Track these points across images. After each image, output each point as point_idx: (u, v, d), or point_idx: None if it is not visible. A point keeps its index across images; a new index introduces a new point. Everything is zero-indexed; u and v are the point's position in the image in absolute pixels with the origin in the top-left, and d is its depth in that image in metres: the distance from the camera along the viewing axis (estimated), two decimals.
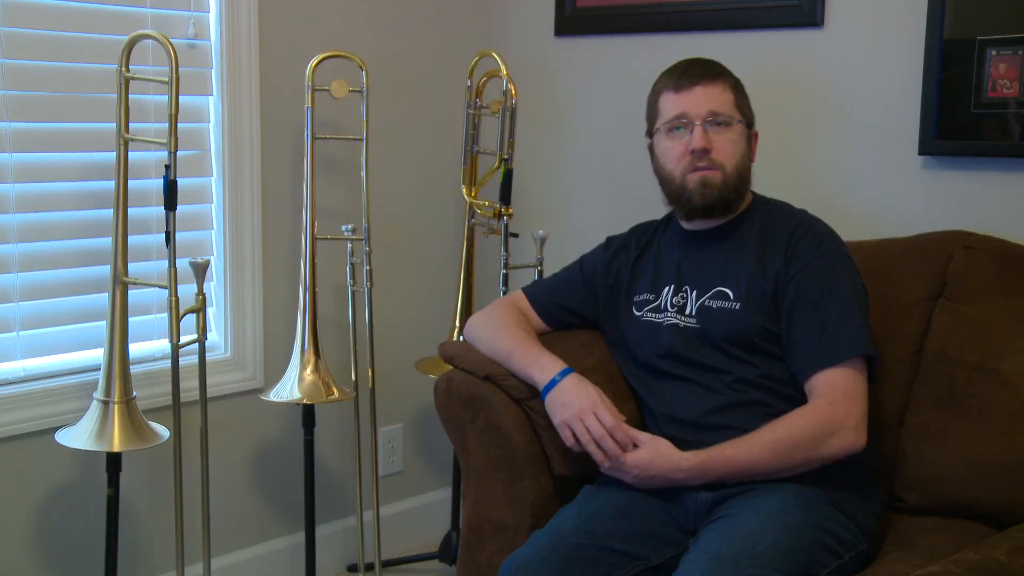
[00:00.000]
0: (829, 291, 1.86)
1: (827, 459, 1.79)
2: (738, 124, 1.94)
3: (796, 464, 1.79)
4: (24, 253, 2.22)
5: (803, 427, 1.79)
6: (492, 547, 1.96)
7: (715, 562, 1.62)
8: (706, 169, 1.91)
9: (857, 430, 1.79)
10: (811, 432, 1.78)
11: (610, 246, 2.14)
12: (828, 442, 1.78)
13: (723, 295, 1.93)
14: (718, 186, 1.92)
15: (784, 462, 1.78)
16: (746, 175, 1.96)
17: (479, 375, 2.00)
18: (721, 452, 1.79)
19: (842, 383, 1.81)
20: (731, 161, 1.92)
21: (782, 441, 1.78)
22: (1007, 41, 2.13)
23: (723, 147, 1.92)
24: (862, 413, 1.81)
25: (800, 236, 1.91)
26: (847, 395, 1.80)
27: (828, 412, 1.79)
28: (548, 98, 2.91)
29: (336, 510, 2.81)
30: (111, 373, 2.10)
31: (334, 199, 2.66)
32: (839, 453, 1.79)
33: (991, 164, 2.21)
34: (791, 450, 1.78)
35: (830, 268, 1.88)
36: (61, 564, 2.31)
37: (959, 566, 1.49)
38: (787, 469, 1.79)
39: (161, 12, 2.34)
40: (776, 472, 1.79)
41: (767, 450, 1.78)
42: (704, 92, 1.92)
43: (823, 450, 1.78)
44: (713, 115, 1.91)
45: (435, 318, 2.91)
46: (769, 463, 1.78)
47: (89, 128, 2.27)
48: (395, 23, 2.77)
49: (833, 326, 1.83)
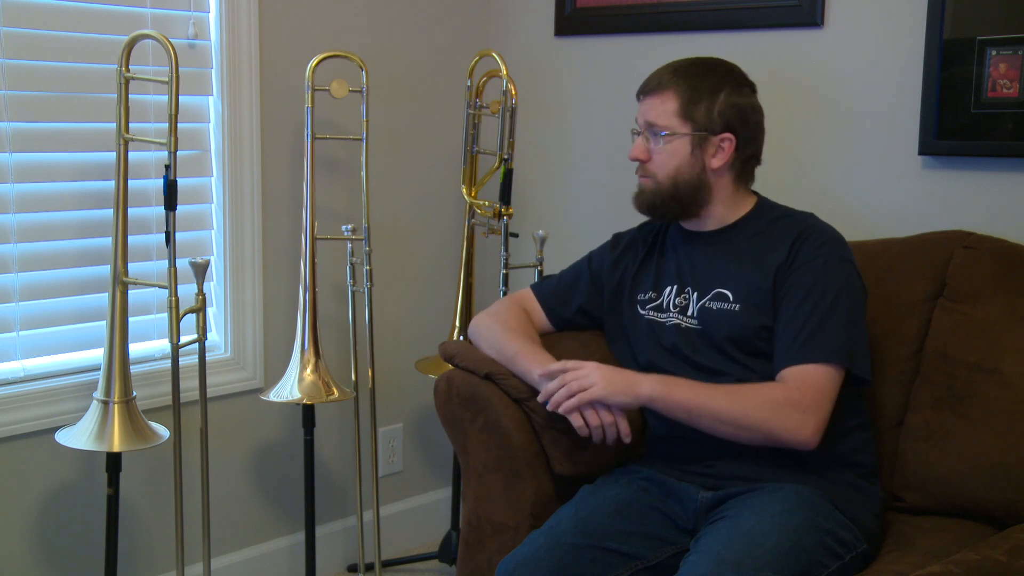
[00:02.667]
0: (823, 291, 1.85)
1: (775, 439, 1.78)
2: (679, 137, 1.92)
3: (744, 428, 1.79)
4: (24, 253, 2.22)
5: (767, 398, 1.79)
6: (492, 547, 1.96)
7: (717, 563, 1.62)
8: (641, 177, 1.99)
9: (815, 428, 1.78)
10: (771, 403, 1.78)
11: (617, 244, 2.15)
12: (783, 423, 1.77)
13: (723, 296, 1.93)
14: (649, 193, 1.97)
15: (736, 420, 1.78)
16: (692, 182, 1.94)
17: (479, 373, 2.00)
18: (687, 380, 1.84)
19: (814, 378, 1.80)
20: (663, 172, 1.94)
21: (742, 401, 1.79)
22: (1007, 41, 2.13)
23: (656, 157, 1.95)
24: (824, 415, 1.79)
25: (806, 236, 1.91)
26: (816, 389, 1.79)
27: (794, 396, 1.79)
28: (548, 98, 2.91)
29: (336, 510, 2.81)
30: (111, 373, 2.10)
31: (334, 199, 2.66)
32: (789, 440, 1.78)
33: (991, 164, 2.21)
34: (746, 414, 1.78)
35: (827, 268, 1.87)
36: (61, 564, 2.31)
37: (959, 566, 1.49)
38: (735, 430, 1.79)
39: (161, 12, 2.34)
40: (725, 427, 1.79)
41: (727, 401, 1.79)
42: (648, 103, 1.96)
43: (775, 427, 1.77)
44: (648, 126, 1.96)
45: (435, 318, 2.91)
46: (721, 414, 1.79)
47: (89, 128, 2.27)
48: (395, 23, 2.77)
49: (818, 325, 1.83)
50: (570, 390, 1.83)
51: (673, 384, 1.83)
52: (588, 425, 1.84)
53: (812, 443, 1.78)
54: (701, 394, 1.81)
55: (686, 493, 1.87)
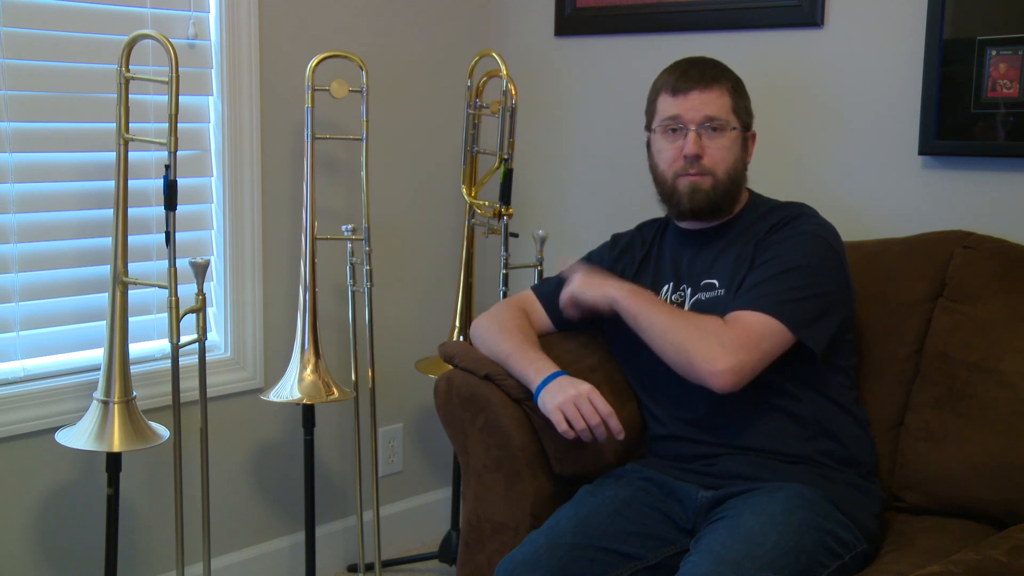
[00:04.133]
0: (790, 259, 1.86)
1: (690, 360, 1.78)
2: (733, 130, 1.94)
3: (669, 340, 1.82)
4: (24, 253, 2.22)
5: (699, 322, 1.82)
6: (492, 547, 1.96)
7: (717, 563, 1.62)
8: (697, 175, 1.93)
9: (731, 367, 1.75)
10: (700, 328, 1.80)
11: (616, 245, 2.15)
12: (702, 345, 1.78)
13: (711, 286, 1.95)
14: (707, 191, 1.93)
15: (666, 330, 1.83)
16: (738, 179, 1.97)
17: (479, 374, 2.00)
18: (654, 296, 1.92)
19: (746, 320, 1.81)
20: (722, 167, 1.93)
21: (682, 317, 1.85)
22: (1007, 41, 2.13)
23: (715, 153, 1.92)
24: (746, 361, 1.77)
25: (794, 217, 1.94)
26: (745, 331, 1.79)
27: (723, 329, 1.80)
28: (548, 98, 2.91)
29: (336, 510, 2.81)
30: (111, 373, 2.10)
31: (334, 199, 2.66)
32: (701, 364, 1.77)
33: (991, 164, 2.21)
34: (676, 326, 1.82)
35: (802, 244, 1.88)
36: (61, 564, 2.31)
37: (959, 566, 1.49)
38: (663, 339, 1.83)
39: (161, 12, 2.34)
40: (655, 335, 1.84)
41: (669, 314, 1.85)
42: (700, 97, 1.92)
43: (692, 346, 1.78)
44: (708, 120, 1.92)
45: (435, 318, 2.91)
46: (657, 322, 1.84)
47: (89, 128, 2.27)
48: (395, 23, 2.77)
49: (767, 280, 1.84)
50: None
51: (637, 293, 1.90)
52: (574, 428, 1.84)
53: (722, 380, 1.76)
54: (653, 308, 1.87)
55: (686, 493, 1.86)
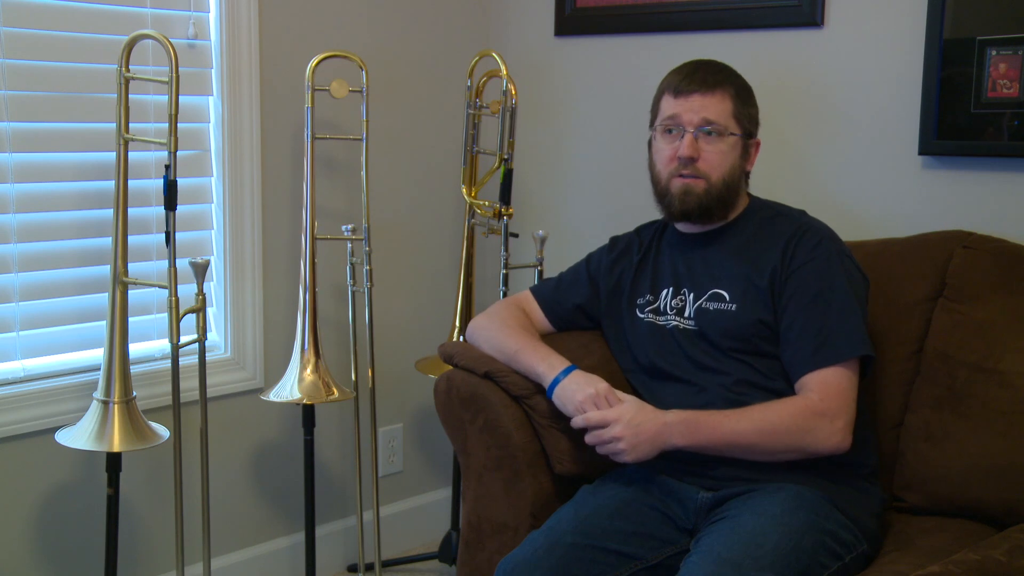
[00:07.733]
0: (829, 288, 1.86)
1: (808, 452, 1.79)
2: (732, 136, 1.93)
3: (777, 450, 1.79)
4: (24, 253, 2.22)
5: (792, 414, 1.79)
6: (492, 547, 1.96)
7: (717, 564, 1.62)
8: (690, 177, 1.92)
9: (844, 431, 1.79)
10: (798, 422, 1.79)
11: (614, 247, 2.14)
12: (813, 435, 1.78)
13: (719, 297, 1.93)
14: (699, 195, 1.92)
15: (767, 444, 1.79)
16: (734, 185, 1.95)
17: (479, 372, 2.00)
18: (709, 415, 1.81)
19: (835, 382, 1.81)
20: (717, 172, 1.92)
21: (769, 422, 1.79)
22: (1007, 41, 2.13)
23: (711, 157, 1.91)
24: (851, 415, 1.81)
25: (801, 235, 1.91)
26: (839, 394, 1.81)
27: (819, 407, 1.79)
28: (548, 98, 2.91)
29: (336, 510, 2.81)
30: (111, 373, 2.10)
31: (334, 199, 2.66)
32: (822, 449, 1.79)
33: (991, 164, 2.21)
34: (776, 434, 1.79)
35: (828, 265, 1.88)
36: (61, 564, 2.31)
37: (959, 566, 1.49)
38: (768, 453, 1.80)
39: (161, 12, 2.34)
40: (757, 453, 1.80)
41: (753, 427, 1.79)
42: (701, 100, 1.91)
43: (807, 441, 1.78)
44: (706, 124, 1.91)
45: (435, 318, 2.91)
46: (751, 441, 1.79)
47: (89, 128, 2.27)
48: (395, 23, 2.77)
49: (831, 325, 1.83)
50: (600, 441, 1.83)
51: (696, 427, 1.80)
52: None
53: (845, 446, 1.80)
54: (728, 432, 1.80)
55: (686, 493, 1.86)
